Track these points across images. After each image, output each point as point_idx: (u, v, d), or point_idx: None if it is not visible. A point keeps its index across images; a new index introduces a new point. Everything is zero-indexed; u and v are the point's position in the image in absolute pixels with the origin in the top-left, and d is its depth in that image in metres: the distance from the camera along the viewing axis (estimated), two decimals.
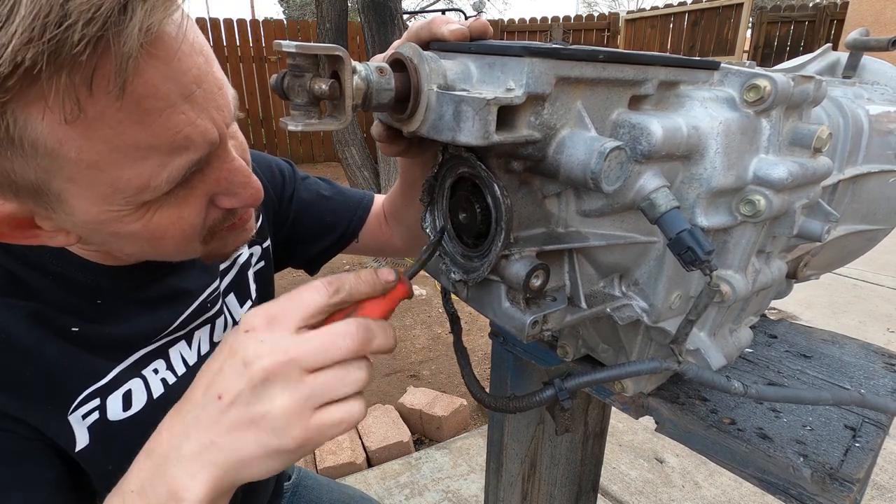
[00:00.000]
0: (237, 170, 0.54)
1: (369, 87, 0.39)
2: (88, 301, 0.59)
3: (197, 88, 0.46)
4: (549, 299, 0.50)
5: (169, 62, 0.43)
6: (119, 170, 0.44)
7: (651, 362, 0.50)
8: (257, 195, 0.56)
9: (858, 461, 0.56)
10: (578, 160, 0.40)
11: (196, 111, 0.46)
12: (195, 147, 0.46)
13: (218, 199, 0.54)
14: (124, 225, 0.48)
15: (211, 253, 0.59)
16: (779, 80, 0.48)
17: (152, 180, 0.45)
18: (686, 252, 0.42)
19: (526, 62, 0.38)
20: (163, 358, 0.66)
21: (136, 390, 0.62)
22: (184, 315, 0.68)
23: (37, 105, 0.39)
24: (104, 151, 0.42)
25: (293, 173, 0.91)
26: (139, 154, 0.44)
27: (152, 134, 0.43)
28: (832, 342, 0.81)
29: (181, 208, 0.51)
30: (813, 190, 0.55)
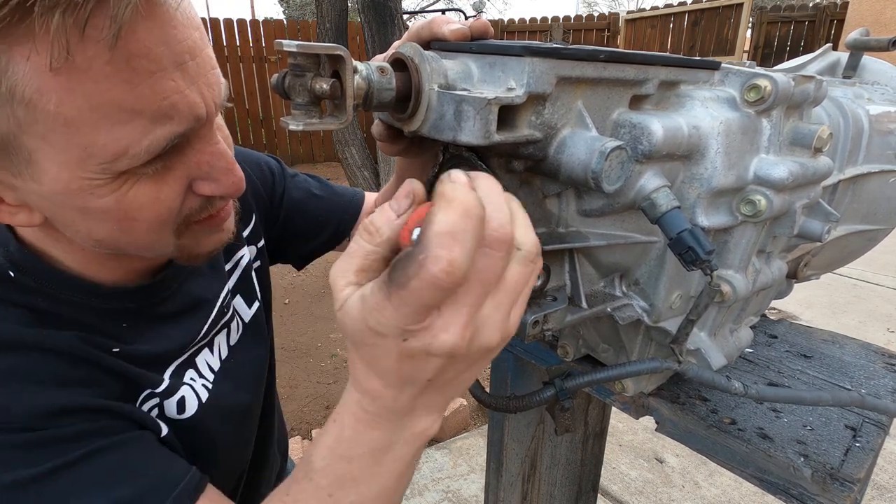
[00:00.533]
0: (220, 154, 0.51)
1: (370, 87, 0.39)
2: (116, 325, 0.58)
3: (190, 60, 0.44)
4: (549, 299, 0.50)
5: (164, 26, 0.42)
6: (96, 131, 0.41)
7: (651, 362, 0.51)
8: (239, 184, 0.53)
9: (859, 461, 0.56)
10: (579, 160, 0.40)
11: (186, 81, 0.44)
12: (180, 117, 0.44)
13: (198, 184, 0.51)
14: (96, 198, 0.45)
15: (184, 251, 0.55)
16: (779, 80, 0.48)
17: (131, 147, 0.43)
18: (687, 252, 0.42)
19: (527, 62, 0.38)
20: (192, 367, 0.66)
21: (188, 397, 0.63)
22: (207, 323, 0.68)
23: (23, 45, 0.37)
24: (84, 108, 0.40)
25: (282, 171, 0.90)
26: (121, 116, 0.41)
27: (138, 96, 0.41)
28: (832, 342, 0.81)
29: (159, 187, 0.48)
30: (813, 190, 0.55)
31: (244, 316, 0.79)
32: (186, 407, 0.62)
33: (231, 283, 0.77)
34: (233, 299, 0.77)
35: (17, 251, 0.54)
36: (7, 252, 0.53)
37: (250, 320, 0.79)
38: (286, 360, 2.89)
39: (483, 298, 0.32)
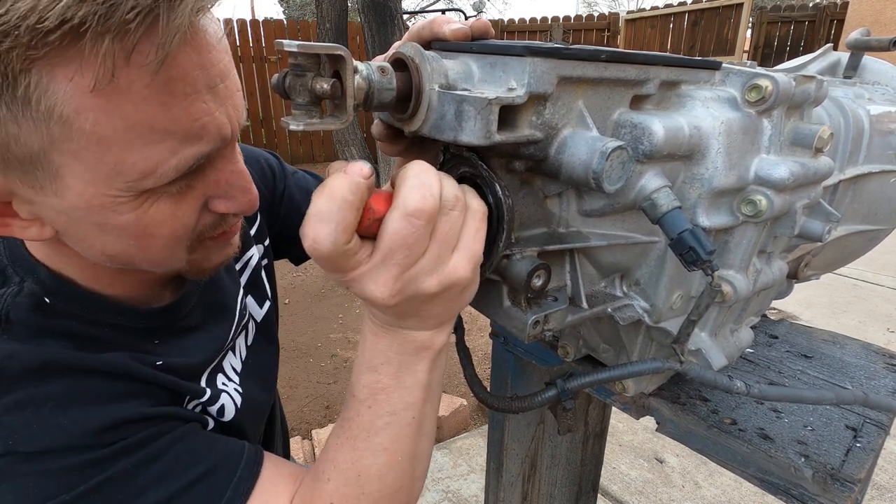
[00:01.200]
0: (240, 173, 0.53)
1: (371, 87, 0.38)
2: (149, 343, 0.59)
3: (221, 83, 0.46)
4: (550, 299, 0.50)
5: (202, 52, 0.43)
6: (128, 151, 0.42)
7: (653, 362, 0.50)
8: (254, 203, 0.54)
9: (860, 461, 0.56)
10: (580, 160, 0.40)
11: (217, 103, 0.45)
12: (208, 138, 0.46)
13: (214, 202, 0.52)
14: (117, 214, 0.46)
15: (193, 266, 0.56)
16: (780, 80, 0.48)
17: (160, 167, 0.44)
18: (688, 252, 0.42)
19: (528, 62, 0.38)
20: (221, 372, 0.67)
21: (227, 403, 0.64)
22: (233, 328, 0.69)
23: (68, 67, 0.38)
24: (119, 128, 0.41)
25: (282, 168, 0.90)
26: (153, 136, 0.42)
27: (171, 117, 0.42)
28: (833, 342, 0.81)
29: (178, 205, 0.49)
30: (814, 190, 0.55)
31: (256, 316, 0.79)
32: (226, 413, 0.64)
33: (243, 282, 0.78)
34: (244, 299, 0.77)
35: (48, 277, 0.54)
36: (39, 279, 0.54)
37: (262, 320, 0.80)
38: (286, 360, 2.89)
39: (411, 258, 0.40)
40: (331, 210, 0.37)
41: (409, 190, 0.39)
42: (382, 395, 0.49)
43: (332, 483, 0.52)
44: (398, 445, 0.51)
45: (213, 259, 0.58)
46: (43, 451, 0.48)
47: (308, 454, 2.17)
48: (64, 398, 0.49)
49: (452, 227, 0.41)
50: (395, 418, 0.50)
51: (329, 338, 3.19)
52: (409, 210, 0.38)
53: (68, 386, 0.50)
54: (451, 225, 0.41)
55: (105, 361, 0.52)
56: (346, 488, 0.52)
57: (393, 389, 0.49)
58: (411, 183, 0.39)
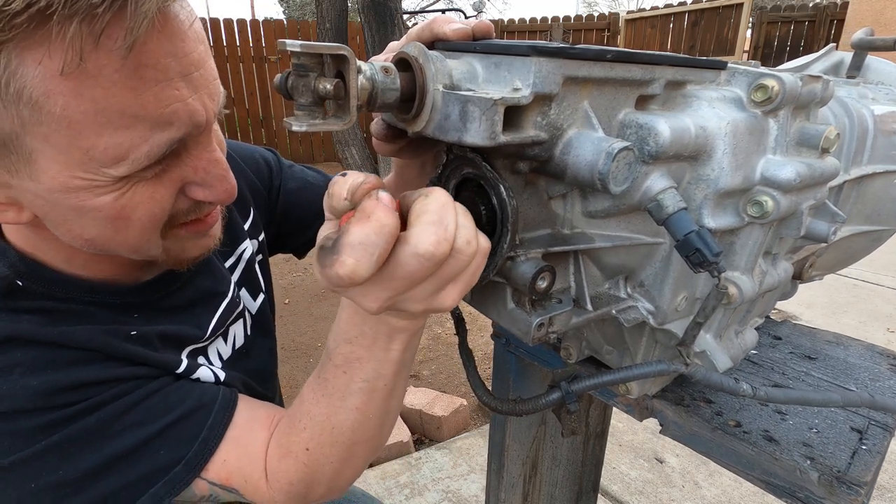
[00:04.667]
0: (216, 161, 0.53)
1: (374, 87, 0.38)
2: (128, 317, 0.60)
3: (195, 71, 0.46)
4: (554, 301, 0.49)
5: (174, 40, 0.44)
6: (98, 135, 0.42)
7: (658, 364, 0.50)
8: (231, 192, 0.55)
9: (866, 464, 0.55)
10: (586, 161, 0.40)
11: (190, 90, 0.46)
12: (180, 124, 0.46)
13: (191, 189, 0.53)
14: (93, 197, 0.46)
15: (170, 255, 0.57)
16: (787, 80, 0.48)
17: (131, 152, 0.44)
18: (694, 254, 0.41)
19: (533, 62, 0.37)
20: (203, 355, 0.68)
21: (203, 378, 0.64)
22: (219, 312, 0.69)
23: (36, 50, 0.38)
24: (89, 112, 0.41)
25: (278, 163, 0.91)
26: (123, 121, 0.43)
27: (141, 103, 0.43)
28: (837, 343, 0.81)
29: (155, 189, 0.49)
30: (820, 191, 0.54)
31: (251, 308, 0.80)
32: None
33: (236, 276, 0.78)
34: (238, 292, 0.77)
35: (19, 260, 0.55)
36: (9, 262, 0.54)
37: (257, 312, 0.80)
38: (286, 359, 2.88)
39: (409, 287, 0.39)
40: (377, 243, 0.35)
41: (424, 228, 0.36)
42: (357, 364, 0.51)
43: (307, 431, 0.55)
44: (370, 406, 0.54)
45: (190, 250, 0.59)
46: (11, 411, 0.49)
47: None
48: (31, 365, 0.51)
49: (457, 269, 0.40)
50: (367, 384, 0.52)
51: None
52: (420, 251, 0.36)
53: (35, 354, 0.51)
54: (457, 267, 0.39)
55: (73, 334, 0.53)
56: (321, 437, 0.55)
57: (367, 360, 0.50)
58: (429, 219, 0.37)
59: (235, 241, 0.78)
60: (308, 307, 3.54)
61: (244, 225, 0.81)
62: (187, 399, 0.57)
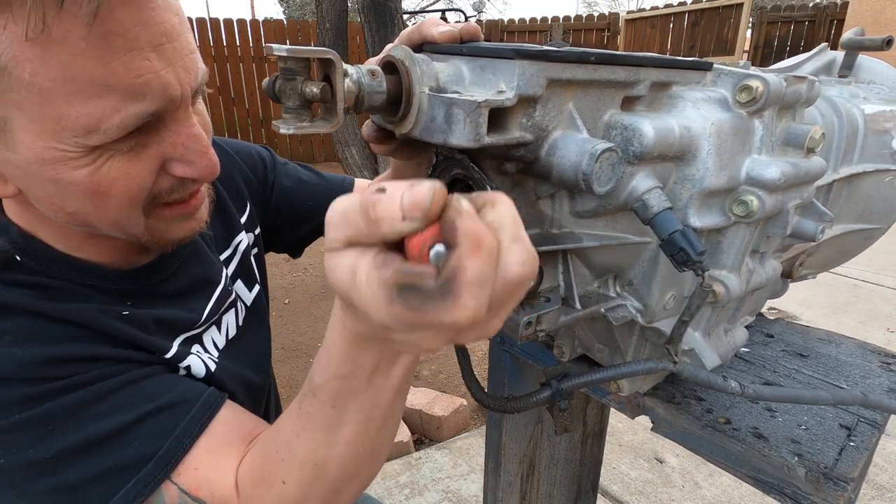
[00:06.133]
0: (196, 136, 0.52)
1: (360, 90, 0.39)
2: (122, 304, 0.60)
3: (167, 42, 0.45)
4: (542, 300, 0.50)
5: (142, 8, 0.43)
6: (69, 104, 0.42)
7: (647, 362, 0.51)
8: (213, 168, 0.54)
9: (853, 460, 0.56)
10: (570, 162, 0.40)
11: (162, 62, 0.45)
12: (153, 96, 0.45)
13: (172, 165, 0.52)
14: (69, 170, 0.46)
15: (154, 235, 0.56)
16: (771, 81, 0.48)
17: (103, 122, 0.44)
18: (678, 253, 0.42)
19: (517, 64, 0.38)
20: (199, 343, 0.68)
21: (194, 365, 0.64)
22: (212, 300, 0.69)
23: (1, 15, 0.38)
24: (58, 79, 0.41)
25: (273, 160, 0.91)
26: (94, 90, 0.42)
27: (111, 72, 0.42)
28: (828, 341, 0.81)
29: (132, 164, 0.49)
30: (806, 190, 0.55)
31: (246, 300, 0.80)
32: (193, 375, 0.64)
33: (232, 268, 0.78)
34: (233, 283, 0.78)
35: (19, 236, 0.55)
36: (11, 238, 0.55)
37: (252, 303, 0.81)
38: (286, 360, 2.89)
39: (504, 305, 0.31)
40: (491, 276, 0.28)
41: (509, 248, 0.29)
42: (350, 397, 0.45)
43: (285, 463, 0.50)
44: (361, 438, 0.48)
45: (174, 231, 0.58)
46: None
47: None
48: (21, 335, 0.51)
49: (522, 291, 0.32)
50: (361, 415, 0.46)
51: None
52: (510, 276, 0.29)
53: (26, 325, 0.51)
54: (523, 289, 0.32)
55: (66, 309, 0.53)
56: (301, 472, 0.49)
57: (362, 392, 0.45)
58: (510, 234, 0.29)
59: (231, 232, 0.79)
60: (308, 307, 3.55)
61: (241, 218, 0.82)
62: (170, 392, 0.56)
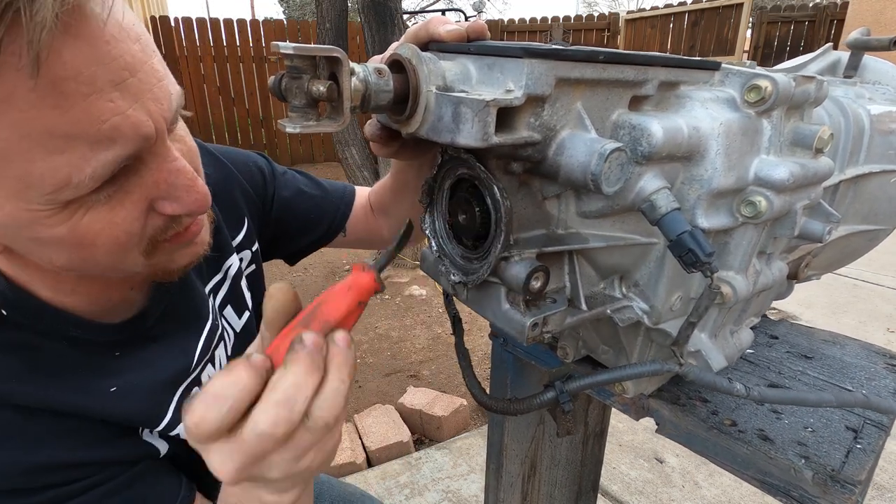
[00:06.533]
0: (179, 171, 0.48)
1: (367, 89, 0.38)
2: (109, 357, 0.57)
3: (130, 77, 0.41)
4: (548, 301, 0.50)
5: (94, 44, 0.38)
6: (30, 162, 0.38)
7: (652, 364, 0.50)
8: (203, 201, 0.50)
9: (860, 463, 0.55)
10: (578, 162, 0.40)
11: (128, 101, 0.41)
12: (124, 140, 0.41)
13: (159, 204, 0.48)
14: (47, 228, 0.43)
15: (157, 269, 0.53)
16: (780, 81, 0.48)
17: (73, 176, 0.40)
18: (687, 254, 0.42)
19: (525, 63, 0.37)
20: (198, 386, 0.65)
21: None
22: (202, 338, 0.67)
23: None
24: (12, 139, 0.37)
25: (272, 170, 0.88)
26: (55, 144, 0.38)
27: (71, 121, 0.38)
28: (833, 343, 0.81)
29: (114, 212, 0.45)
30: (814, 190, 0.54)
31: (236, 326, 0.78)
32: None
33: (221, 294, 0.75)
34: (223, 311, 0.76)
35: (7, 288, 0.52)
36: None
37: (241, 330, 0.78)
38: None
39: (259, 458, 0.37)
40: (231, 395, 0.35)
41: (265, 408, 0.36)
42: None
43: None
44: None
45: (179, 260, 0.55)
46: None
47: None
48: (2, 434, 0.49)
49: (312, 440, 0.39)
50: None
51: None
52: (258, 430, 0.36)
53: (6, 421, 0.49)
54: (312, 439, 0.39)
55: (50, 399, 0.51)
56: None
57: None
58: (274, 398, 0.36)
59: (223, 255, 0.75)
60: None
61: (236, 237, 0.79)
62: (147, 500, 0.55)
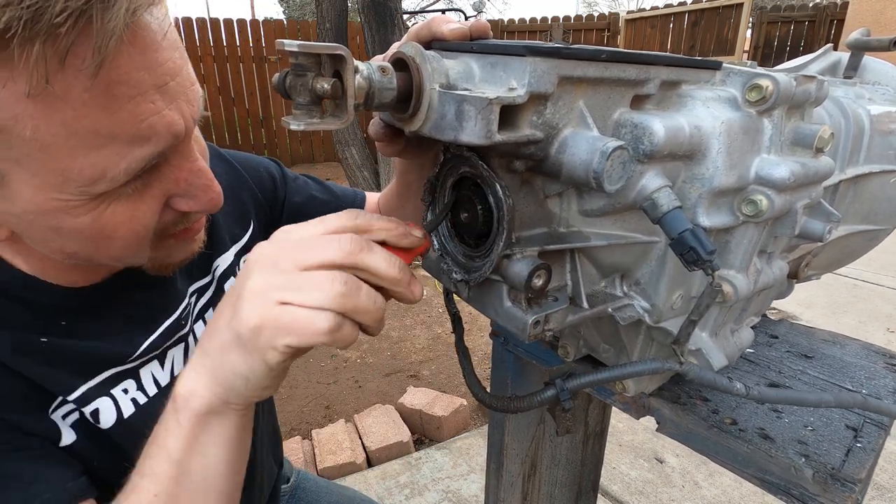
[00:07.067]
0: (199, 171, 0.51)
1: (371, 87, 0.38)
2: (53, 322, 0.57)
3: (171, 80, 0.44)
4: (550, 299, 0.50)
5: (145, 52, 0.42)
6: (73, 157, 0.41)
7: (653, 363, 0.50)
8: (217, 200, 0.53)
9: (860, 461, 0.56)
10: (581, 160, 0.40)
11: (166, 101, 0.44)
12: (158, 138, 0.44)
13: (176, 201, 0.51)
14: (71, 218, 0.45)
15: (155, 262, 0.56)
16: (781, 80, 0.48)
17: (109, 170, 0.43)
18: (688, 252, 0.42)
19: (528, 61, 0.37)
20: (133, 378, 0.63)
21: (104, 410, 0.60)
22: (154, 336, 0.65)
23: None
24: (61, 134, 0.40)
25: (283, 175, 0.89)
26: (98, 141, 0.41)
27: (116, 121, 0.41)
28: (833, 342, 0.81)
29: (136, 205, 0.48)
30: (815, 190, 0.54)
31: None
32: (101, 419, 0.60)
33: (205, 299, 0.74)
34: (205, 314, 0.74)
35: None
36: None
37: None
38: None
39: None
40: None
41: None
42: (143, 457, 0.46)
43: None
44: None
45: (176, 255, 0.58)
46: None
47: (308, 454, 2.17)
48: None
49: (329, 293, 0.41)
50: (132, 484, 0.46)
51: None
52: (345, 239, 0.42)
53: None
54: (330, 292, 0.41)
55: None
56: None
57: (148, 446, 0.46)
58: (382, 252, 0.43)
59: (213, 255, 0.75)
60: None
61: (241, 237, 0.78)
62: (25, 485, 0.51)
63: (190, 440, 0.45)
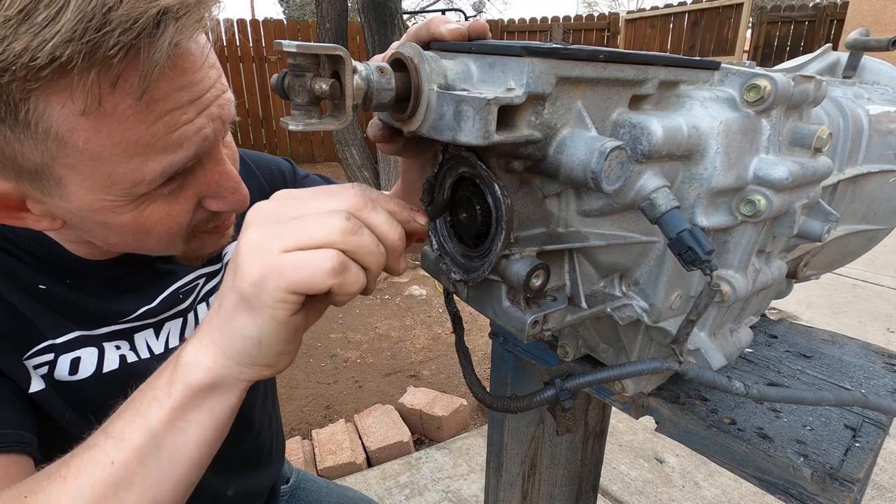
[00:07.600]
0: (228, 174, 0.57)
1: (370, 87, 0.39)
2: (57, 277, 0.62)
3: (205, 94, 0.50)
4: (549, 299, 0.50)
5: (185, 74, 0.47)
6: (116, 163, 0.47)
7: (652, 362, 0.50)
8: (244, 201, 0.59)
9: (859, 461, 0.56)
10: (579, 160, 0.40)
11: (197, 110, 0.49)
12: (189, 143, 0.50)
13: (206, 201, 0.58)
14: (116, 215, 0.52)
15: (189, 253, 0.62)
16: (779, 80, 0.48)
17: (147, 174, 0.49)
18: (686, 252, 0.42)
19: (526, 62, 0.38)
20: (127, 340, 0.68)
21: (85, 359, 0.63)
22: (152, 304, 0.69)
23: (60, 95, 0.42)
24: (107, 145, 0.46)
25: (294, 174, 0.92)
26: (138, 150, 0.47)
27: (153, 132, 0.47)
28: (832, 342, 0.81)
29: (172, 205, 0.54)
30: (813, 190, 0.55)
31: None
32: (80, 370, 0.62)
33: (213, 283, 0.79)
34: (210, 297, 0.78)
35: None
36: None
37: None
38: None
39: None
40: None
41: None
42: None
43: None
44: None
45: (207, 248, 0.64)
46: None
47: (308, 454, 2.17)
48: None
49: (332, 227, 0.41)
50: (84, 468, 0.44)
51: (329, 338, 3.19)
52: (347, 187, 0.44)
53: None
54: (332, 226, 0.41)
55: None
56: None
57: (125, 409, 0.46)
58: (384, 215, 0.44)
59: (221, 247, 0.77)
60: None
61: None
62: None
63: (174, 413, 0.44)
